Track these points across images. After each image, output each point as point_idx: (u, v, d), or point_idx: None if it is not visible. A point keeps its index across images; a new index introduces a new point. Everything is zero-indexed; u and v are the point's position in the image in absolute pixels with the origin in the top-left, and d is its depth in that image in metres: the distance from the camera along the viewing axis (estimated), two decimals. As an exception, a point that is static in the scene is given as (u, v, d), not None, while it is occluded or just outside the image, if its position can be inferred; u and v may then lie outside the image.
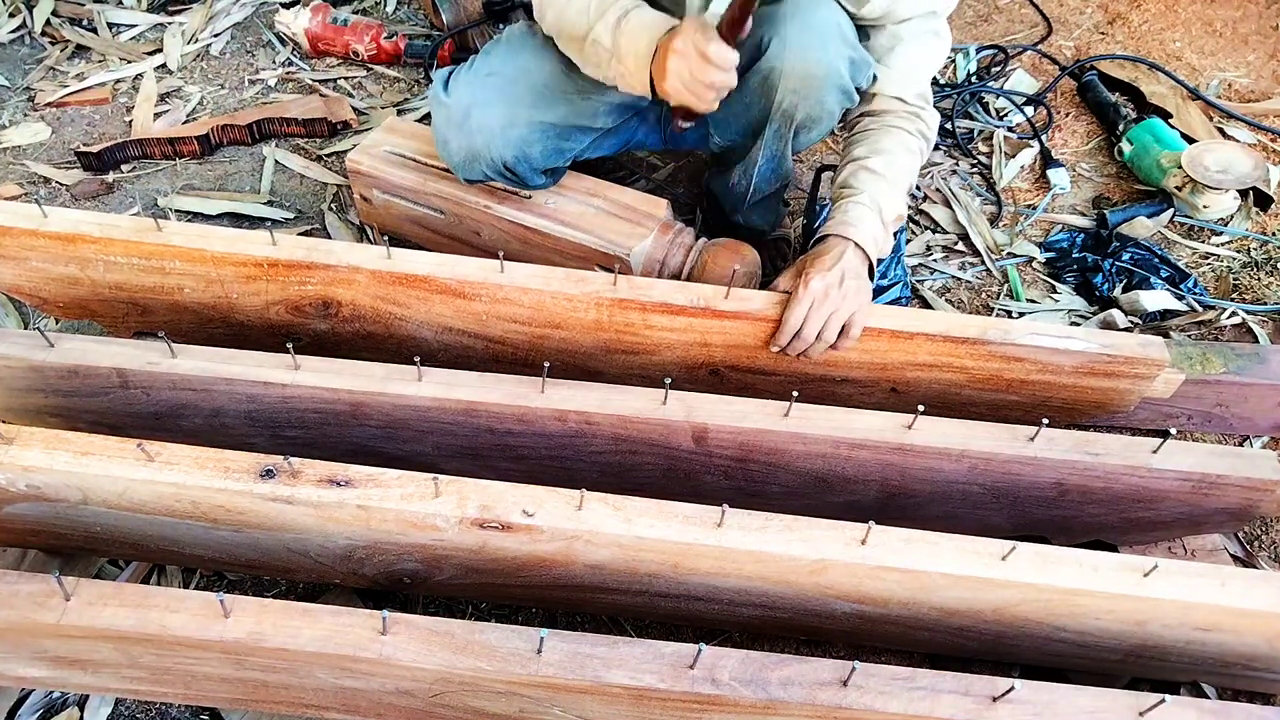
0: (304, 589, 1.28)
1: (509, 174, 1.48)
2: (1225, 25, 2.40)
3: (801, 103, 1.32)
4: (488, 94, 1.44)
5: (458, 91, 1.45)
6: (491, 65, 1.47)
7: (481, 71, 1.47)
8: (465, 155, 1.46)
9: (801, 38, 1.27)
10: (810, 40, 1.28)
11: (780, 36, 1.28)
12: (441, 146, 1.49)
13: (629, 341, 1.30)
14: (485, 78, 1.46)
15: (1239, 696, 1.19)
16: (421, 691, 0.97)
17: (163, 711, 1.16)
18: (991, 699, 0.92)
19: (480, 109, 1.43)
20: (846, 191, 1.32)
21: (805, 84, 1.30)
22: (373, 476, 1.03)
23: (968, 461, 1.16)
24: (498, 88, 1.44)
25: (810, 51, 1.28)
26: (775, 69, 1.29)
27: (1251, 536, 1.40)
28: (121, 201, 1.86)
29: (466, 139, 1.44)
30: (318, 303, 1.31)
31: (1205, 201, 1.86)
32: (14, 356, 1.16)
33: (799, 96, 1.31)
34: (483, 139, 1.43)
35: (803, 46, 1.27)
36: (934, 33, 1.36)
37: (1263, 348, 1.47)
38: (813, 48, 1.28)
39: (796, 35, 1.27)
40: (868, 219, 1.28)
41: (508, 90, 1.44)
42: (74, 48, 2.22)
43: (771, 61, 1.29)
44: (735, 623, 1.20)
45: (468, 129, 1.43)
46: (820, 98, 1.32)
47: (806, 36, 1.27)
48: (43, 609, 0.93)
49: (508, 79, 1.45)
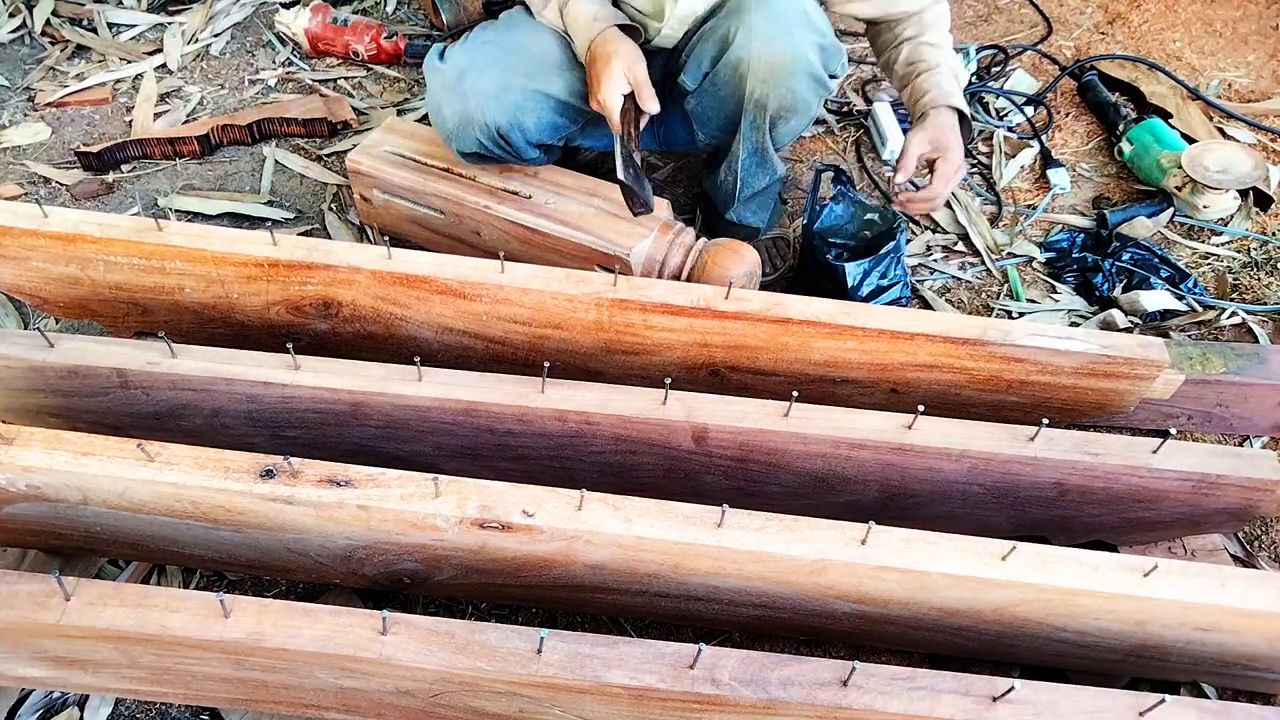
0: (304, 589, 1.28)
1: (502, 142, 1.46)
2: (1225, 25, 2.40)
3: (772, 92, 1.33)
4: (483, 59, 1.43)
5: (453, 58, 1.45)
6: (487, 36, 1.48)
7: (477, 40, 1.47)
8: (459, 120, 1.45)
9: (767, 26, 1.28)
10: (775, 28, 1.28)
11: (746, 25, 1.28)
12: (434, 113, 1.48)
13: (629, 342, 1.30)
14: (481, 45, 1.46)
15: (1239, 696, 1.19)
16: (421, 691, 0.97)
17: (163, 711, 1.16)
18: (991, 699, 0.92)
19: (475, 73, 1.42)
20: (922, 65, 1.40)
21: (774, 73, 1.30)
22: (373, 477, 1.03)
23: (968, 462, 1.16)
24: (493, 55, 1.44)
25: (776, 40, 1.28)
26: (743, 59, 1.30)
27: (1251, 536, 1.40)
28: (121, 201, 1.86)
29: (460, 102, 1.43)
30: (318, 303, 1.31)
31: (1205, 201, 1.86)
32: (14, 356, 1.16)
33: (769, 86, 1.31)
34: (477, 101, 1.42)
35: (768, 35, 1.28)
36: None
37: (1263, 348, 1.47)
38: (778, 35, 1.28)
39: (762, 24, 1.28)
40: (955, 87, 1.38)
41: (503, 58, 1.44)
42: (74, 48, 2.23)
43: (738, 52, 1.29)
44: (735, 623, 1.20)
45: (461, 91, 1.42)
46: (791, 85, 1.32)
47: (772, 25, 1.28)
48: (43, 609, 0.93)
49: (504, 48, 1.45)
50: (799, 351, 1.29)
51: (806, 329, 1.25)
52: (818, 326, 1.25)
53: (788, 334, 1.26)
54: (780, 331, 1.26)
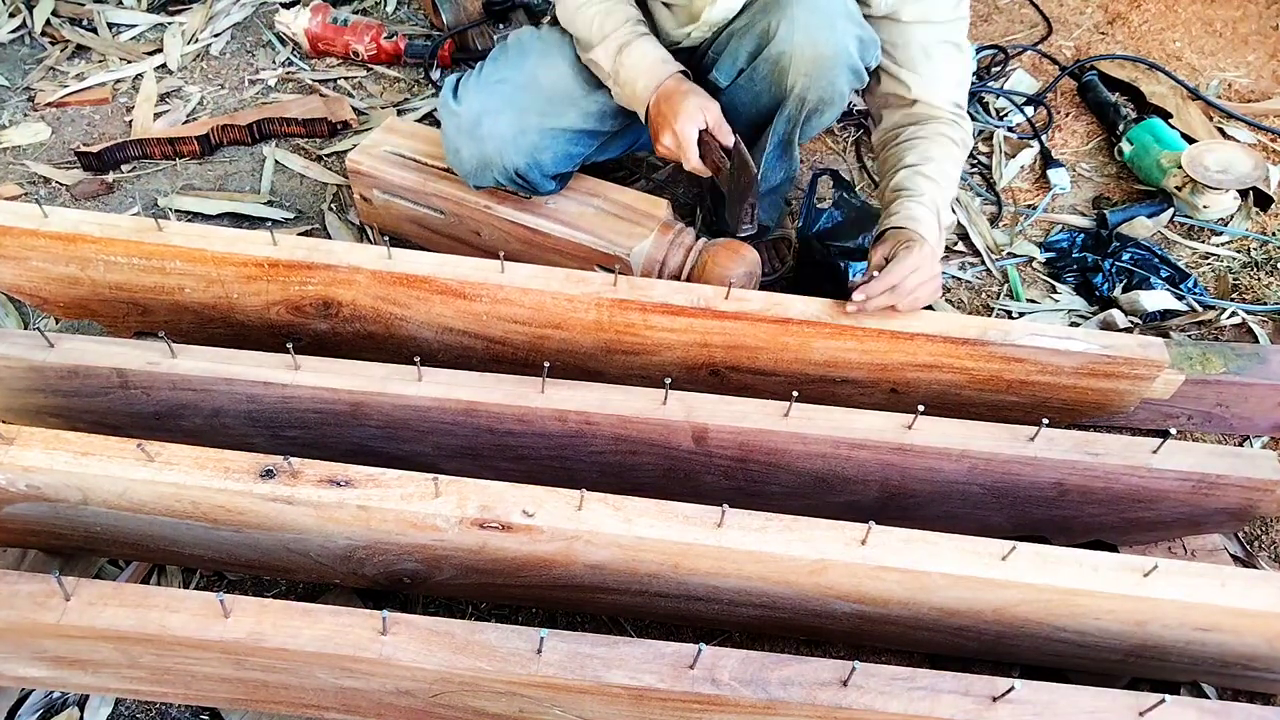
0: (304, 589, 1.28)
1: (521, 180, 1.48)
2: (1225, 25, 2.40)
3: (814, 85, 1.31)
4: (498, 101, 1.45)
5: (468, 99, 1.46)
6: (501, 72, 1.48)
7: (491, 78, 1.47)
8: (477, 163, 1.47)
9: (810, 18, 1.27)
10: (819, 20, 1.28)
11: (789, 19, 1.27)
12: (453, 155, 1.50)
13: (629, 342, 1.30)
14: (495, 84, 1.46)
15: (1239, 696, 1.19)
16: (421, 691, 0.97)
17: (163, 711, 1.16)
18: (991, 699, 0.92)
19: (491, 117, 1.44)
20: (905, 193, 1.32)
21: (816, 66, 1.29)
22: (373, 477, 1.03)
23: (968, 462, 1.16)
24: (508, 95, 1.45)
25: (819, 32, 1.28)
26: (785, 53, 1.29)
27: (1251, 536, 1.40)
28: (121, 201, 1.86)
29: (478, 146, 1.45)
30: (318, 303, 1.31)
31: (1205, 201, 1.86)
32: (14, 356, 1.16)
33: (810, 79, 1.30)
34: (494, 146, 1.44)
35: (811, 26, 1.27)
36: (956, 45, 1.38)
37: (1263, 348, 1.47)
38: (821, 27, 1.28)
39: (804, 16, 1.27)
40: (929, 220, 1.29)
41: (518, 97, 1.45)
42: (74, 48, 2.23)
43: (781, 45, 1.29)
44: (735, 623, 1.20)
45: (479, 136, 1.44)
46: (832, 79, 1.32)
47: (815, 17, 1.27)
48: (43, 609, 0.93)
49: (517, 86, 1.46)
50: (799, 351, 1.29)
51: (806, 329, 1.25)
52: (818, 326, 1.25)
53: (788, 334, 1.26)
54: (780, 331, 1.26)
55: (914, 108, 1.39)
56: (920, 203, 1.30)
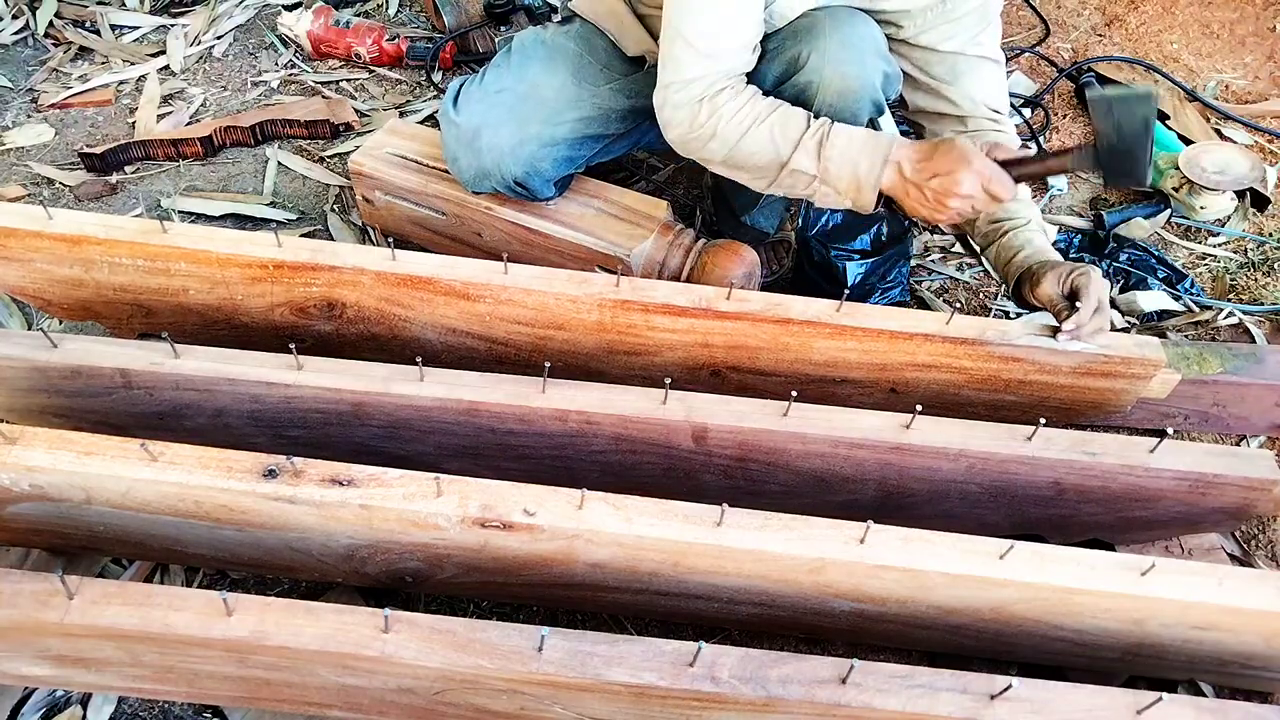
0: (307, 588, 1.28)
1: (520, 188, 1.49)
2: (1222, 27, 2.41)
3: (836, 115, 1.31)
4: (498, 113, 1.45)
5: (468, 110, 1.47)
6: (502, 80, 1.48)
7: (492, 88, 1.48)
8: (475, 173, 1.48)
9: (841, 53, 1.28)
10: (850, 55, 1.29)
11: (819, 51, 1.28)
12: (451, 163, 1.51)
13: (631, 342, 1.31)
14: (495, 95, 1.47)
15: (1236, 695, 1.19)
16: (423, 689, 0.97)
17: (166, 710, 1.17)
18: (989, 697, 0.92)
19: (490, 129, 1.44)
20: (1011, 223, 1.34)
21: (842, 99, 1.30)
22: (375, 476, 1.04)
23: (966, 461, 1.17)
24: (508, 106, 1.46)
25: (849, 66, 1.29)
26: (812, 83, 1.30)
27: (1248, 536, 1.40)
28: (125, 203, 1.86)
29: (476, 158, 1.46)
30: (322, 304, 1.32)
31: (1202, 202, 1.86)
32: (17, 357, 1.17)
33: (834, 110, 1.31)
34: (492, 158, 1.45)
35: (841, 61, 1.28)
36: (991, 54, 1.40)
37: (1259, 348, 1.47)
38: (851, 62, 1.29)
39: (836, 49, 1.28)
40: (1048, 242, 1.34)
41: (518, 108, 1.45)
42: (77, 49, 2.23)
43: (809, 76, 1.29)
44: (735, 621, 1.20)
45: (477, 148, 1.45)
46: (855, 111, 1.33)
47: (846, 52, 1.28)
48: (46, 608, 0.93)
49: (518, 96, 1.46)
50: (799, 351, 1.29)
51: (806, 329, 1.26)
52: (818, 326, 1.26)
53: (788, 334, 1.27)
54: (780, 332, 1.27)
55: (965, 122, 1.41)
56: (1034, 231, 1.34)
